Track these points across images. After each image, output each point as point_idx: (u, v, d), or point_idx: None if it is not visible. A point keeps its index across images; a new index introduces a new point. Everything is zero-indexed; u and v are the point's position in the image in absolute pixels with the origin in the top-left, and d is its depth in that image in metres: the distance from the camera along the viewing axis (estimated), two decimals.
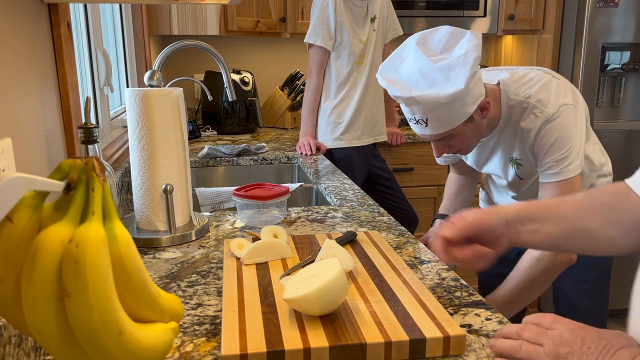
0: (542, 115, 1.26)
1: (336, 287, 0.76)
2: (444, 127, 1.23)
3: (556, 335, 0.69)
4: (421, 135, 1.28)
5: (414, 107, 1.21)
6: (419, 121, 1.23)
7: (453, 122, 1.22)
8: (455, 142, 1.28)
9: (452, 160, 1.61)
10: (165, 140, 1.17)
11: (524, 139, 1.31)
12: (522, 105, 1.29)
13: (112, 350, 0.53)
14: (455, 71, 1.16)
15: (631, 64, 2.73)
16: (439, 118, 1.21)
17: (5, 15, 0.87)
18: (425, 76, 1.18)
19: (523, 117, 1.29)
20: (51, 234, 0.51)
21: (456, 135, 1.26)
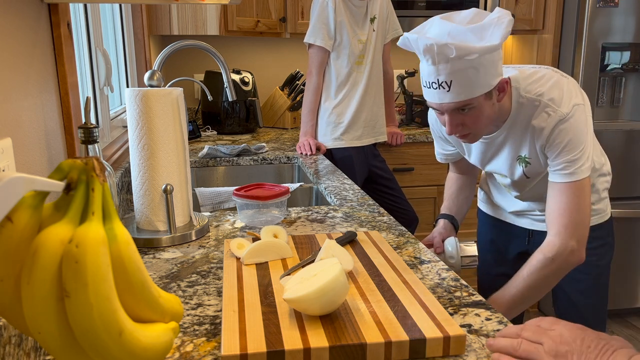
0: (556, 114, 1.25)
1: (336, 287, 0.76)
2: (465, 94, 1.19)
3: (556, 334, 0.69)
4: (438, 103, 1.23)
5: (441, 66, 1.17)
6: (442, 84, 1.19)
7: (475, 90, 1.19)
8: (469, 119, 1.25)
9: (453, 159, 1.60)
10: (165, 140, 1.17)
11: (535, 137, 1.29)
12: (534, 103, 1.28)
13: (112, 350, 0.53)
14: (489, 30, 1.15)
15: (631, 64, 2.73)
16: (463, 81, 1.18)
17: (5, 15, 0.87)
18: (454, 37, 1.15)
19: (535, 115, 1.28)
20: (51, 234, 0.51)
21: (473, 108, 1.22)
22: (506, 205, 1.59)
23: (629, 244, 2.84)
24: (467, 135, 1.30)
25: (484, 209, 1.70)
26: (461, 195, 1.66)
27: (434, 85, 1.21)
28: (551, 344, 0.68)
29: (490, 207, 1.68)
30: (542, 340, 0.70)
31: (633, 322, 2.88)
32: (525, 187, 1.46)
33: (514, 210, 1.58)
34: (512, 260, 1.65)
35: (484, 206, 1.70)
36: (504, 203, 1.59)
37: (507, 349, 0.72)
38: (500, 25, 1.15)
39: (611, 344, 0.66)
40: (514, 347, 0.71)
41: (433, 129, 1.55)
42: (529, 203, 1.52)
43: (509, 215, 1.61)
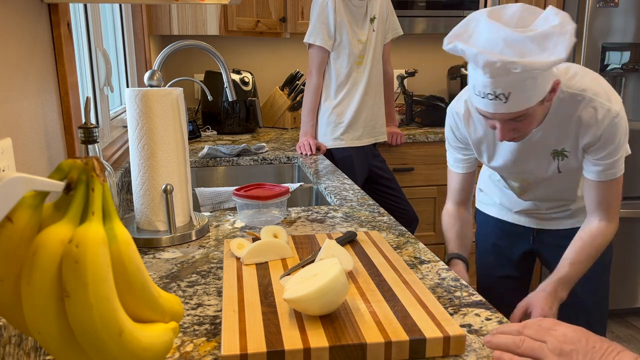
0: (607, 110, 1.24)
1: (336, 287, 0.76)
2: (523, 104, 1.14)
3: (559, 334, 0.68)
4: (492, 112, 1.17)
5: (500, 79, 1.11)
6: (499, 96, 1.13)
7: (532, 99, 1.14)
8: (522, 125, 1.21)
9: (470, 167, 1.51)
10: (165, 140, 1.17)
11: (581, 131, 1.27)
12: (576, 98, 1.25)
13: (112, 350, 0.53)
14: (552, 40, 1.08)
15: (631, 64, 2.73)
16: (521, 93, 1.12)
17: (6, 15, 0.87)
18: (511, 46, 1.08)
19: (579, 109, 1.25)
20: (51, 234, 0.51)
21: (528, 116, 1.18)
22: (511, 206, 1.58)
23: (629, 244, 2.83)
24: (514, 138, 1.27)
25: (485, 210, 1.68)
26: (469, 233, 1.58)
27: (489, 97, 1.15)
28: (555, 343, 0.67)
29: (492, 208, 1.66)
30: (546, 338, 0.69)
31: (633, 322, 2.88)
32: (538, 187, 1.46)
33: (519, 209, 1.57)
34: (516, 261, 1.64)
35: (486, 207, 1.68)
36: (509, 204, 1.58)
37: (508, 345, 0.71)
38: (564, 34, 1.07)
39: (614, 345, 0.66)
40: (517, 344, 0.70)
41: (450, 139, 1.47)
42: (535, 202, 1.52)
43: (513, 216, 1.60)
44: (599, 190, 1.33)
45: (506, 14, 1.14)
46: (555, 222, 1.54)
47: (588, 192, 1.35)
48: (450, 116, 1.43)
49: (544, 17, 1.12)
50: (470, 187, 1.55)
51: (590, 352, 0.65)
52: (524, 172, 1.43)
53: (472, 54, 1.10)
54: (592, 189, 1.34)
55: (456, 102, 1.42)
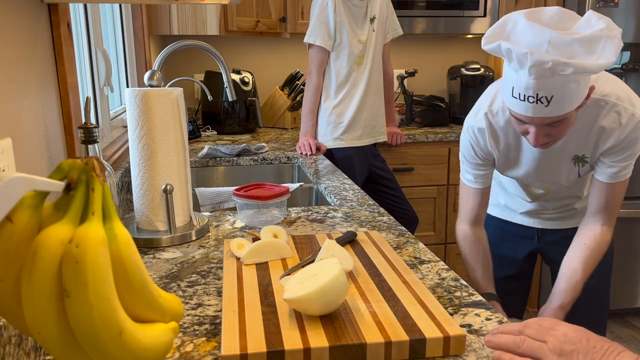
0: (632, 115, 1.22)
1: (336, 287, 0.76)
2: (563, 109, 1.11)
3: (560, 334, 0.68)
4: (531, 116, 1.14)
5: (544, 81, 1.07)
6: (541, 99, 1.09)
7: (572, 104, 1.11)
8: (557, 130, 1.17)
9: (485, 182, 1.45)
10: (165, 140, 1.17)
11: (603, 137, 1.26)
12: (599, 104, 1.23)
13: (112, 350, 0.53)
14: (600, 44, 1.05)
15: (631, 64, 2.73)
16: (563, 97, 1.09)
17: (5, 15, 0.87)
18: (557, 47, 1.05)
19: (602, 115, 1.24)
20: (51, 234, 0.51)
21: (564, 120, 1.15)
22: (516, 207, 1.58)
23: (629, 244, 2.84)
24: (547, 143, 1.23)
25: (489, 211, 1.66)
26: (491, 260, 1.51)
27: (530, 99, 1.11)
28: (556, 343, 0.67)
29: (495, 209, 1.65)
30: (546, 338, 0.68)
31: (633, 322, 2.88)
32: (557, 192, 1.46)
33: (525, 210, 1.56)
34: (518, 261, 1.64)
35: (489, 208, 1.67)
36: (514, 205, 1.58)
37: (508, 345, 0.70)
38: (612, 38, 1.06)
39: (615, 345, 0.66)
40: (517, 344, 0.70)
41: (468, 156, 1.42)
42: (541, 203, 1.52)
43: (518, 216, 1.60)
44: (608, 192, 1.32)
45: (545, 16, 1.11)
46: (560, 221, 1.55)
47: (597, 193, 1.34)
48: (470, 133, 1.38)
49: (586, 21, 1.09)
50: (487, 203, 1.50)
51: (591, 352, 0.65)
52: (546, 180, 1.42)
53: (520, 54, 1.06)
54: (601, 190, 1.33)
55: (474, 118, 1.37)
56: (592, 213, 1.37)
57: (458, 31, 2.91)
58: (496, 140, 1.37)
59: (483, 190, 1.45)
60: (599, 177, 1.32)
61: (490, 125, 1.35)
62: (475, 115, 1.38)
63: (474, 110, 1.40)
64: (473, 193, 1.45)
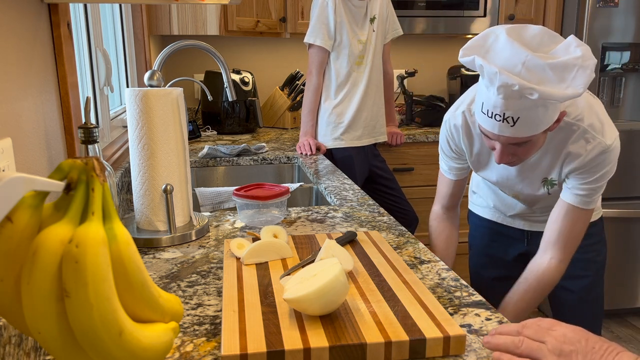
0: (598, 143, 1.22)
1: (336, 287, 0.76)
2: (529, 131, 1.13)
3: (559, 334, 0.68)
4: (496, 133, 1.16)
5: (512, 102, 1.08)
6: (507, 119, 1.11)
7: (538, 128, 1.13)
8: (522, 151, 1.19)
9: (463, 174, 1.49)
10: (165, 140, 1.17)
11: (567, 161, 1.27)
12: (572, 128, 1.23)
13: (112, 350, 0.53)
14: (572, 73, 1.05)
15: (631, 64, 2.73)
16: (530, 120, 1.11)
17: (6, 15, 0.87)
18: (531, 71, 1.05)
19: (572, 140, 1.24)
20: (51, 234, 0.51)
21: (530, 142, 1.17)
22: (505, 210, 1.58)
23: (628, 244, 2.84)
24: (513, 162, 1.25)
25: (478, 212, 1.68)
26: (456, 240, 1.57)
27: (497, 118, 1.12)
28: (555, 343, 0.67)
29: (486, 211, 1.66)
30: (545, 339, 0.68)
31: (633, 322, 2.88)
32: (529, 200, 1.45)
33: (513, 213, 1.57)
34: (509, 263, 1.65)
35: (480, 210, 1.68)
36: (503, 207, 1.58)
37: (507, 346, 0.71)
38: (585, 69, 1.05)
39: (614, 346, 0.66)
40: (516, 345, 0.70)
41: (444, 148, 1.45)
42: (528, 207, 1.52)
43: (507, 219, 1.60)
44: (567, 218, 1.29)
45: (527, 35, 1.11)
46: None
47: (555, 218, 1.31)
48: (447, 127, 1.40)
49: (565, 46, 1.09)
50: (461, 193, 1.53)
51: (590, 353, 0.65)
52: (515, 190, 1.43)
53: (491, 72, 1.07)
54: (561, 214, 1.30)
55: (453, 113, 1.39)
56: (545, 244, 1.33)
57: (458, 31, 2.91)
58: (470, 139, 1.38)
59: (457, 181, 1.50)
60: (565, 198, 1.31)
61: (467, 124, 1.36)
62: (454, 110, 1.40)
63: (455, 105, 1.41)
64: (447, 182, 1.51)
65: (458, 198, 1.54)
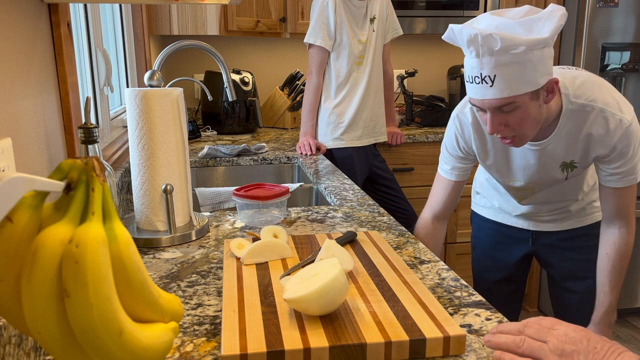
0: (619, 121, 1.23)
1: (336, 287, 0.76)
2: (509, 90, 1.12)
3: (561, 334, 0.68)
4: (480, 100, 1.17)
5: (485, 59, 1.11)
6: (485, 78, 1.13)
7: (520, 87, 1.12)
8: (514, 119, 1.18)
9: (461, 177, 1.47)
10: (165, 140, 1.17)
11: (592, 144, 1.27)
12: (585, 109, 1.24)
13: (112, 350, 0.53)
14: (539, 24, 1.09)
15: (631, 64, 2.73)
16: (508, 77, 1.11)
17: (5, 15, 0.87)
18: (502, 31, 1.09)
19: (589, 121, 1.24)
20: (51, 234, 0.51)
21: (518, 108, 1.16)
22: (511, 210, 1.57)
23: None
24: (513, 138, 1.23)
25: (482, 213, 1.67)
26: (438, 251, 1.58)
27: (476, 80, 1.15)
28: (556, 343, 0.67)
29: (490, 211, 1.65)
30: (547, 338, 0.68)
31: (633, 322, 2.88)
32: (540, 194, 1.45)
33: (519, 213, 1.56)
34: (513, 264, 1.64)
35: (482, 210, 1.67)
36: (508, 207, 1.57)
37: (509, 345, 0.70)
38: (552, 18, 1.08)
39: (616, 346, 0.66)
40: (517, 344, 0.70)
41: (449, 143, 1.44)
42: (535, 206, 1.52)
43: (512, 219, 1.59)
44: (619, 198, 1.33)
45: (510, 13, 1.15)
46: (555, 224, 1.54)
47: (608, 200, 1.35)
48: (456, 124, 1.39)
49: (542, 11, 1.13)
50: (456, 200, 1.51)
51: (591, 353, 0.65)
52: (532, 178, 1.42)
53: (457, 30, 1.12)
54: (612, 196, 1.33)
55: (461, 110, 1.39)
56: (607, 219, 1.38)
57: None
58: (481, 136, 1.38)
59: (455, 183, 1.47)
60: (607, 184, 1.33)
61: (476, 120, 1.36)
62: (462, 107, 1.39)
63: (462, 103, 1.41)
64: (444, 183, 1.48)
65: (451, 205, 1.51)
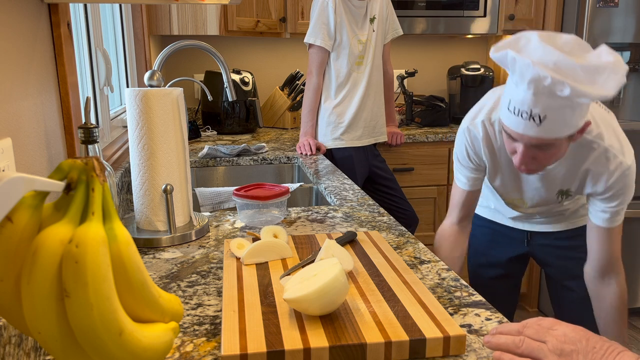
0: (619, 163, 1.25)
1: (336, 287, 0.76)
2: (555, 132, 1.11)
3: (559, 334, 0.68)
4: (520, 134, 1.14)
5: (541, 98, 1.07)
6: (534, 116, 1.09)
7: (564, 130, 1.11)
8: (544, 156, 1.18)
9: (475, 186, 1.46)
10: (165, 140, 1.17)
11: (590, 179, 1.29)
12: (592, 145, 1.25)
13: (112, 350, 0.53)
14: (603, 75, 1.05)
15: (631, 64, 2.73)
16: (558, 119, 1.09)
17: (5, 15, 0.87)
18: (562, 69, 1.04)
19: (591, 158, 1.26)
20: (51, 234, 0.51)
21: (552, 146, 1.15)
22: (505, 212, 1.59)
23: (628, 244, 2.83)
24: (533, 170, 1.23)
25: (480, 212, 1.68)
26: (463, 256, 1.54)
27: (523, 115, 1.11)
28: (556, 343, 0.67)
29: (487, 211, 1.66)
30: (546, 338, 0.68)
31: (633, 322, 2.88)
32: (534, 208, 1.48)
33: (514, 216, 1.57)
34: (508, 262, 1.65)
35: (480, 210, 1.68)
36: (503, 209, 1.58)
37: (508, 345, 0.70)
38: (617, 73, 1.05)
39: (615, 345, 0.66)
40: (516, 344, 0.70)
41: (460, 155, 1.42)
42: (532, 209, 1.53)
43: (507, 220, 1.61)
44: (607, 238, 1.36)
45: (559, 40, 1.11)
46: (550, 225, 1.56)
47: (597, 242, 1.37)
48: (467, 137, 1.38)
49: (597, 53, 1.09)
50: (475, 203, 1.51)
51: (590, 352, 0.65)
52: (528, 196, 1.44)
53: (523, 64, 1.05)
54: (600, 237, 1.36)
55: (472, 122, 1.36)
56: (600, 272, 1.40)
57: (458, 31, 2.91)
58: (491, 150, 1.37)
59: (471, 192, 1.47)
60: (595, 221, 1.35)
61: (487, 135, 1.35)
62: (473, 119, 1.37)
63: (472, 114, 1.39)
64: (461, 193, 1.47)
65: (472, 208, 1.51)
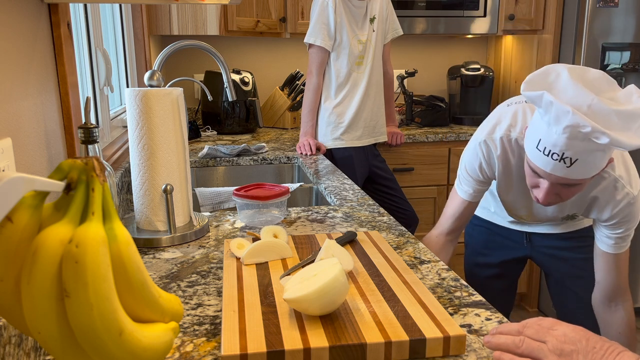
0: (626, 194, 1.27)
1: (336, 287, 0.76)
2: (583, 174, 1.11)
3: (559, 334, 0.68)
4: (548, 173, 1.13)
5: (575, 143, 1.06)
6: (565, 159, 1.08)
7: (592, 171, 1.12)
8: (567, 192, 1.18)
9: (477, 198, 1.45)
10: (165, 140, 1.17)
11: (596, 207, 1.32)
12: (602, 175, 1.26)
13: (112, 350, 0.53)
14: (637, 122, 1.04)
15: (631, 64, 2.73)
16: (587, 163, 1.09)
17: (5, 15, 0.87)
18: (596, 114, 1.03)
19: (600, 187, 1.27)
20: (51, 234, 0.51)
21: (578, 185, 1.15)
22: (505, 216, 1.59)
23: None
24: (552, 202, 1.22)
25: (478, 214, 1.68)
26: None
27: (554, 156, 1.09)
28: (555, 343, 0.67)
29: (485, 212, 1.66)
30: (546, 338, 0.68)
31: None
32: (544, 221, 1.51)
33: (513, 220, 1.58)
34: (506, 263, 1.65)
35: (479, 211, 1.68)
36: (503, 213, 1.59)
37: (508, 345, 0.70)
38: None
39: (615, 345, 0.66)
40: (516, 344, 0.70)
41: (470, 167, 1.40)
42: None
43: (506, 222, 1.61)
44: (613, 266, 1.37)
45: (589, 77, 1.09)
46: (549, 226, 1.56)
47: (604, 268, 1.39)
48: (483, 152, 1.35)
49: (627, 94, 1.08)
50: (469, 217, 1.50)
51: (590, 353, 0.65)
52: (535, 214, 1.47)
53: (561, 110, 1.03)
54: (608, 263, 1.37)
55: (489, 137, 1.34)
56: (607, 298, 1.41)
57: (458, 31, 2.91)
58: (506, 166, 1.37)
59: (471, 203, 1.47)
60: (601, 247, 1.37)
61: (504, 151, 1.34)
62: (490, 134, 1.34)
63: (488, 128, 1.36)
64: (460, 203, 1.46)
65: (465, 222, 1.50)
